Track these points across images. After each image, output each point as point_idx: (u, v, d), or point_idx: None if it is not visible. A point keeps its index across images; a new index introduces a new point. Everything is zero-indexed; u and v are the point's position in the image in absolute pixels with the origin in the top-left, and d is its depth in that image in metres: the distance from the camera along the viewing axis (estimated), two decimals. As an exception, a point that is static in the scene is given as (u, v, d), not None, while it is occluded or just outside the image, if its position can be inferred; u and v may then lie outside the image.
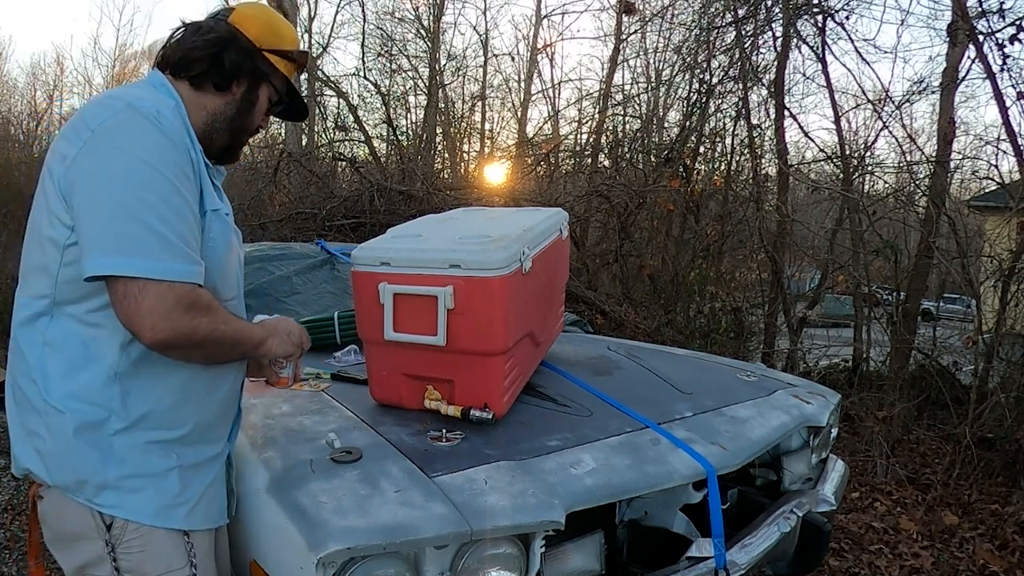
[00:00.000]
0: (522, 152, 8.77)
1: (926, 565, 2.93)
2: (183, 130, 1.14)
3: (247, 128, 1.28)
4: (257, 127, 1.31)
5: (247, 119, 1.27)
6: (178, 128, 1.12)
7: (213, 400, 1.25)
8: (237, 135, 1.27)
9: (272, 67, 1.27)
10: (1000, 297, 4.32)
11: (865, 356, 5.23)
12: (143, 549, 1.16)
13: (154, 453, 1.17)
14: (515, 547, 1.35)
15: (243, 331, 1.22)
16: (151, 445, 1.16)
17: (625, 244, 6.44)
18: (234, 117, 1.25)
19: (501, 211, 2.61)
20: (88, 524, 1.14)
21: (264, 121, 1.32)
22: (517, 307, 1.66)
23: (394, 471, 1.39)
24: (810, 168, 6.76)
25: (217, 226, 1.20)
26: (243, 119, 1.26)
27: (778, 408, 2.00)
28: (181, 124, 1.15)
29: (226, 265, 1.23)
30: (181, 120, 1.16)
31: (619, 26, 11.00)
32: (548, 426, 1.69)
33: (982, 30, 4.40)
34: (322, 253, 3.15)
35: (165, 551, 1.18)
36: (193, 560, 1.20)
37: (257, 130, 1.31)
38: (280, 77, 1.29)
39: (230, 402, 1.32)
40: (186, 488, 1.20)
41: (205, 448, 1.25)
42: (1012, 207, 4.46)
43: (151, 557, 1.17)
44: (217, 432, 1.29)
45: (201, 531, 1.23)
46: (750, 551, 1.66)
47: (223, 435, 1.31)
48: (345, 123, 8.65)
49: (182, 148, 1.11)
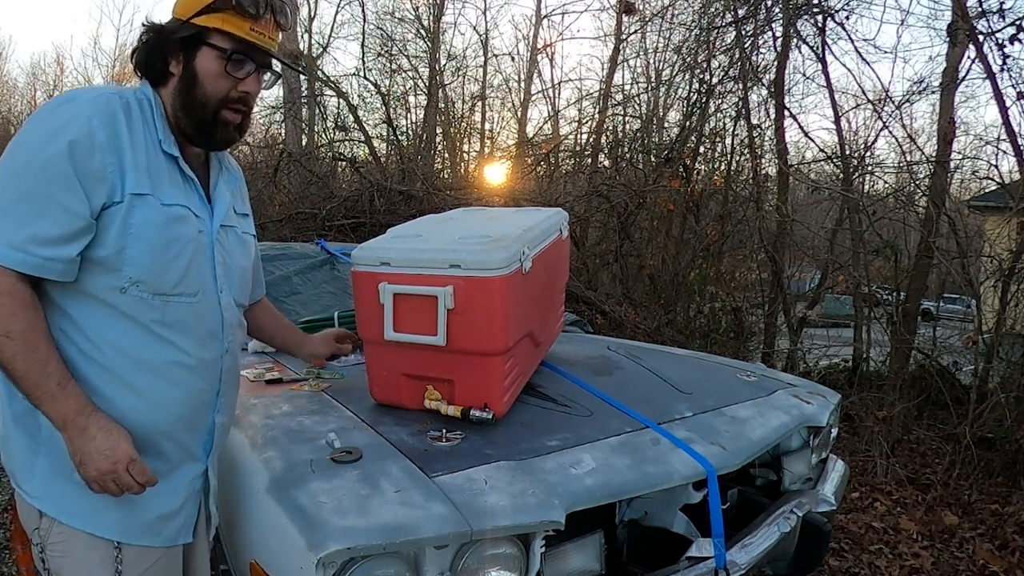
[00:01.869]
0: (522, 152, 8.77)
1: (926, 565, 2.93)
2: (114, 122, 1.09)
3: (204, 100, 1.17)
4: (230, 94, 1.18)
5: (195, 92, 1.17)
6: (107, 119, 1.08)
7: (153, 402, 1.15)
8: (196, 111, 1.18)
9: (204, 28, 1.15)
10: (1000, 297, 4.32)
11: (865, 356, 5.23)
12: (63, 554, 1.11)
13: None
14: (515, 547, 1.35)
15: (33, 371, 1.04)
16: None
17: (625, 244, 6.44)
18: (183, 95, 1.18)
19: (501, 211, 2.61)
20: (31, 514, 1.13)
21: (241, 83, 1.19)
22: (517, 307, 1.66)
23: (394, 471, 1.39)
24: (810, 168, 6.76)
25: (142, 213, 1.10)
26: (191, 93, 1.17)
27: (778, 408, 2.00)
28: (125, 119, 1.11)
29: (162, 257, 1.12)
30: (142, 116, 1.15)
31: (619, 26, 11.00)
32: (548, 426, 1.69)
33: (982, 30, 4.40)
34: (322, 253, 3.15)
35: (85, 560, 1.11)
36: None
37: (235, 98, 1.19)
38: (220, 35, 1.16)
39: (188, 412, 1.20)
40: (126, 501, 1.12)
41: (156, 459, 1.16)
42: (1012, 207, 4.46)
43: (69, 564, 1.11)
44: (169, 446, 1.19)
45: (138, 547, 1.15)
46: (750, 551, 1.66)
47: (185, 452, 1.22)
48: (345, 123, 8.63)
49: (75, 136, 1.05)
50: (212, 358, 1.23)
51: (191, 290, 1.17)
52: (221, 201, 1.28)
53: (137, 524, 1.15)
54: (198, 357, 1.20)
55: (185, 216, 1.17)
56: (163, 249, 1.12)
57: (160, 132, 1.17)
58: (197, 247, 1.18)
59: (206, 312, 1.21)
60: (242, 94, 1.19)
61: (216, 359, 1.24)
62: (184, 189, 1.19)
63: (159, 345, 1.15)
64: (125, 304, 1.11)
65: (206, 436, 1.26)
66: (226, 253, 1.26)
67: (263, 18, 1.17)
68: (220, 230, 1.25)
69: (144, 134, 1.15)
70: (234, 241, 1.30)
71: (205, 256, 1.21)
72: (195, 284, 1.18)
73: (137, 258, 1.10)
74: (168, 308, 1.14)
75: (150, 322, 1.13)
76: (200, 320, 1.20)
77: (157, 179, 1.14)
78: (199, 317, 1.20)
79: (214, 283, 1.22)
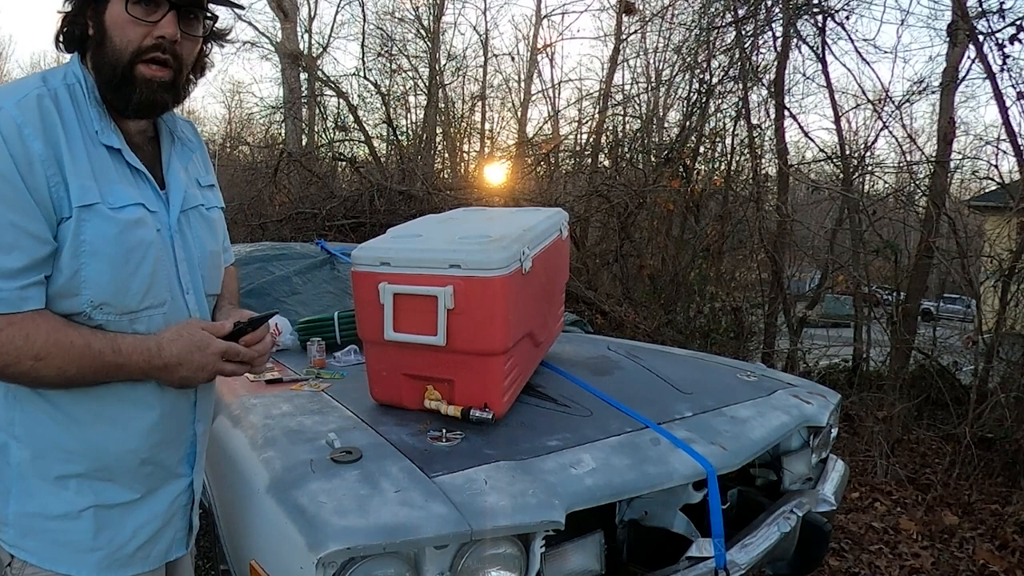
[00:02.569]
0: (522, 152, 8.76)
1: (926, 565, 2.93)
2: (47, 126, 0.96)
3: (115, 55, 1.01)
4: (143, 44, 1.01)
5: (105, 48, 1.01)
6: (39, 125, 0.95)
7: (130, 430, 1.06)
8: (106, 70, 1.02)
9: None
10: (1000, 297, 4.32)
11: (865, 356, 5.23)
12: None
13: (66, 489, 1.03)
14: (515, 547, 1.35)
15: (86, 365, 0.98)
16: (63, 480, 1.02)
17: (625, 244, 6.44)
18: (94, 56, 1.03)
19: (501, 211, 2.61)
20: (2, 555, 1.05)
21: (156, 28, 1.01)
22: (517, 307, 1.66)
23: (394, 471, 1.39)
24: (810, 168, 6.75)
25: (94, 226, 0.98)
26: (101, 51, 1.02)
27: (778, 408, 2.00)
28: (59, 116, 0.98)
29: (123, 271, 1.01)
30: (74, 105, 1.01)
31: (619, 26, 10.99)
32: (548, 426, 1.69)
33: (982, 30, 4.40)
34: (322, 253, 3.15)
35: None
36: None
37: (150, 47, 1.01)
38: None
39: (166, 431, 1.11)
40: (102, 532, 1.05)
41: (135, 483, 1.08)
42: (1012, 207, 4.45)
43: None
44: (150, 469, 1.10)
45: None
46: (750, 551, 1.66)
47: (167, 472, 1.13)
48: (345, 123, 8.64)
49: (11, 152, 0.93)
50: None
51: (158, 300, 1.06)
52: (176, 184, 1.13)
53: (121, 557, 1.08)
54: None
55: (141, 217, 1.04)
56: (123, 263, 1.01)
57: (96, 121, 1.02)
58: (159, 249, 1.06)
59: (175, 320, 1.09)
60: (158, 40, 1.01)
61: None
62: (134, 183, 1.06)
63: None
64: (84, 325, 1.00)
65: (188, 449, 1.17)
66: (190, 244, 1.13)
67: None
68: (181, 218, 1.12)
69: (80, 128, 1.01)
70: (198, 224, 1.16)
71: (168, 257, 1.09)
72: (162, 292, 1.07)
73: (95, 278, 0.98)
74: (137, 325, 1.04)
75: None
76: None
77: (103, 180, 1.01)
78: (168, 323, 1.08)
79: (179, 285, 1.11)
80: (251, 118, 13.25)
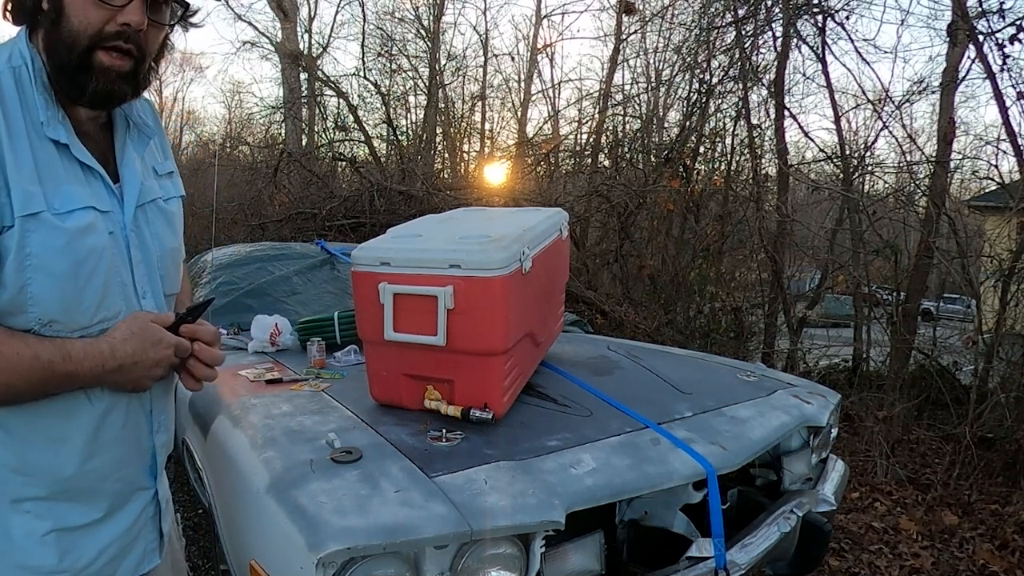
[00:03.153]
0: (522, 152, 8.77)
1: (926, 565, 2.93)
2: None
3: (71, 37, 0.90)
4: (104, 29, 0.91)
5: (60, 28, 0.91)
6: None
7: (91, 455, 0.98)
8: (60, 53, 0.91)
9: None
10: (1000, 297, 4.32)
11: (865, 356, 5.23)
12: None
13: (25, 512, 0.95)
14: (515, 547, 1.35)
15: (35, 375, 0.89)
16: (19, 503, 0.95)
17: (625, 244, 6.45)
18: (47, 35, 0.92)
19: (501, 211, 2.61)
20: None
21: (120, 13, 0.91)
22: (517, 307, 1.66)
23: (394, 471, 1.39)
24: (810, 168, 6.76)
25: (39, 237, 0.88)
26: (56, 31, 0.91)
27: (778, 408, 2.00)
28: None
29: (73, 286, 0.92)
30: (19, 92, 0.91)
31: (619, 26, 10.99)
32: (548, 426, 1.69)
33: (982, 30, 4.40)
34: (322, 253, 3.15)
35: None
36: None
37: (111, 33, 0.91)
38: None
39: (125, 451, 1.04)
40: (67, 555, 0.98)
41: (98, 502, 1.01)
42: (1012, 207, 4.46)
43: None
44: (113, 487, 1.03)
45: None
46: (750, 551, 1.66)
47: (130, 486, 1.06)
48: (345, 123, 8.65)
49: None
50: None
51: (112, 312, 0.97)
52: (132, 177, 1.03)
53: (90, 573, 1.01)
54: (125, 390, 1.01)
55: (91, 223, 0.94)
56: (72, 277, 0.92)
57: (42, 111, 0.92)
58: (112, 255, 0.97)
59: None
60: (122, 27, 0.91)
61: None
62: (84, 181, 0.96)
63: (81, 391, 0.96)
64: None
65: (149, 461, 1.09)
66: (147, 242, 1.05)
67: None
68: (137, 214, 1.03)
69: (24, 119, 0.90)
70: (156, 219, 1.07)
71: (122, 262, 1.00)
72: (116, 303, 0.98)
73: (43, 295, 0.90)
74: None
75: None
76: None
77: (49, 181, 0.91)
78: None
79: (135, 292, 1.02)
80: (251, 118, 13.27)
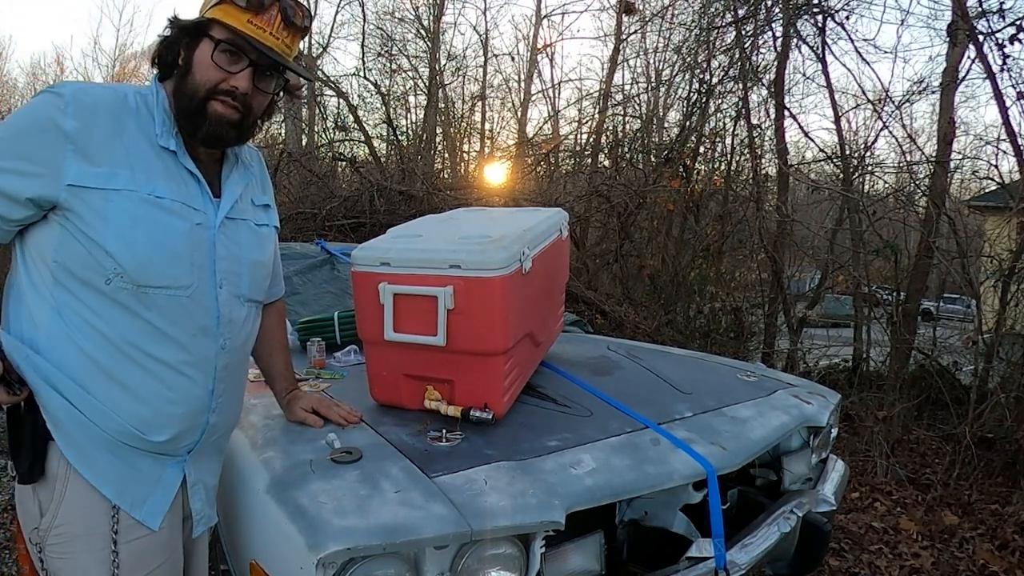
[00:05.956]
0: (522, 152, 8.78)
1: (926, 565, 2.93)
2: (90, 114, 1.11)
3: (193, 88, 1.17)
4: (219, 85, 1.16)
5: (186, 80, 1.17)
6: (82, 109, 1.10)
7: (144, 402, 1.16)
8: (183, 99, 1.17)
9: (208, 20, 1.17)
10: (1000, 297, 4.32)
11: (865, 356, 5.23)
12: (62, 555, 1.14)
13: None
14: (515, 547, 1.35)
15: None
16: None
17: (625, 244, 6.45)
18: (176, 83, 1.19)
19: (501, 211, 2.61)
20: (30, 515, 1.15)
21: (233, 77, 1.17)
22: (517, 307, 1.66)
23: (394, 471, 1.39)
24: (810, 168, 6.76)
25: (117, 204, 1.11)
26: (183, 81, 1.18)
27: (778, 408, 2.00)
28: (111, 113, 1.13)
29: (141, 249, 1.12)
30: (137, 111, 1.16)
31: (619, 26, 10.99)
32: (548, 426, 1.69)
33: (982, 30, 4.41)
34: (322, 253, 3.15)
35: (82, 559, 1.13)
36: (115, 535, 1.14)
37: (224, 90, 1.16)
38: (219, 26, 1.16)
39: (179, 413, 1.19)
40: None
41: (143, 450, 1.18)
42: (1012, 207, 4.46)
43: (68, 565, 1.13)
44: (166, 434, 1.19)
45: (135, 543, 1.16)
46: (750, 551, 1.66)
47: (173, 446, 1.21)
48: (345, 123, 8.65)
49: (47, 119, 1.08)
50: (204, 355, 1.20)
51: (181, 283, 1.16)
52: (229, 193, 1.26)
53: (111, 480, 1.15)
54: (187, 353, 1.18)
55: (176, 209, 1.16)
56: (143, 239, 1.12)
57: (157, 126, 1.17)
58: (192, 241, 1.17)
59: (199, 306, 1.18)
60: (231, 88, 1.17)
61: (209, 357, 1.21)
62: (181, 183, 1.18)
63: (143, 338, 1.14)
64: (109, 293, 1.11)
65: (198, 435, 1.24)
66: (233, 246, 1.24)
67: (265, 14, 1.16)
68: (226, 222, 1.23)
69: (140, 129, 1.15)
70: (245, 233, 1.28)
71: (203, 250, 1.19)
72: (186, 277, 1.16)
73: (116, 251, 1.10)
74: (153, 301, 1.13)
75: (133, 314, 1.13)
76: (190, 315, 1.17)
77: (145, 173, 1.14)
78: (188, 312, 1.17)
79: (212, 277, 1.20)
80: (251, 118, 13.20)
